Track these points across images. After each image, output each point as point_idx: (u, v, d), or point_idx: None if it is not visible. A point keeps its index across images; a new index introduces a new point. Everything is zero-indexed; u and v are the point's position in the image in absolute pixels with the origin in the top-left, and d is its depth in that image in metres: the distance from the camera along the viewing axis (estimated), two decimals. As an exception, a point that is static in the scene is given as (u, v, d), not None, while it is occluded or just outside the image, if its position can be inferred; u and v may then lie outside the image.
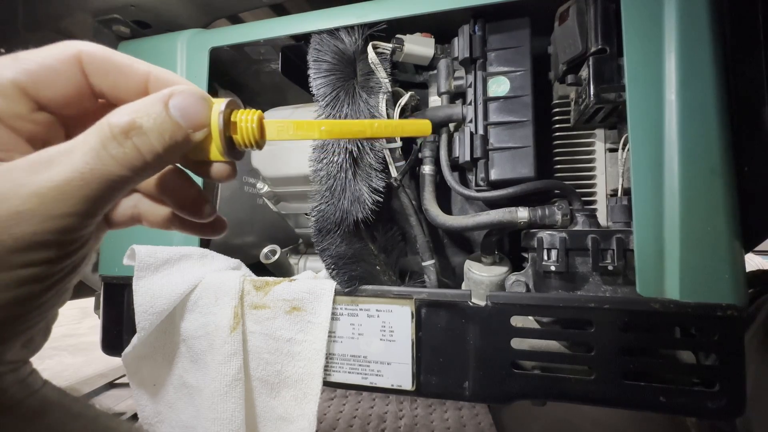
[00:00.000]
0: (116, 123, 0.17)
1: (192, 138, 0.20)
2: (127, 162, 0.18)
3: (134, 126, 0.18)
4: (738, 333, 0.38)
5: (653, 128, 0.39)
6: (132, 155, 0.18)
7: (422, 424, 1.01)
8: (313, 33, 0.51)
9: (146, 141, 0.18)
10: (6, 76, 0.18)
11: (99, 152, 0.17)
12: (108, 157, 0.17)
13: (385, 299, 0.47)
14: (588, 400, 0.41)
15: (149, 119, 0.18)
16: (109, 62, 0.21)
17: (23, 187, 0.16)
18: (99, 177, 0.17)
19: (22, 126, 0.19)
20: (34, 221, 0.16)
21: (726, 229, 0.38)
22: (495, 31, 0.49)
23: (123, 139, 0.17)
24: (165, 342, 0.50)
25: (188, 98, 0.19)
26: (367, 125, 0.24)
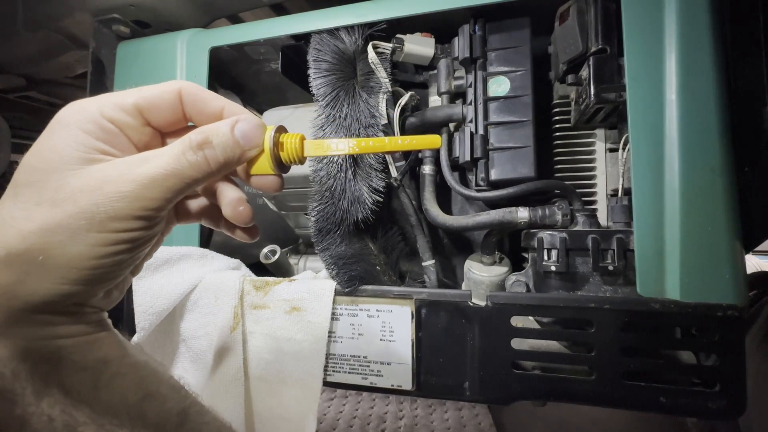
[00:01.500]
0: (195, 138, 0.24)
1: (246, 155, 0.27)
2: (197, 166, 0.24)
3: (207, 141, 0.24)
4: (738, 333, 0.38)
5: (654, 128, 0.39)
6: (202, 162, 0.24)
7: (422, 425, 1.01)
8: (313, 33, 0.51)
9: (213, 153, 0.25)
10: (129, 101, 0.25)
11: (179, 157, 0.24)
12: (185, 161, 0.24)
13: (385, 299, 0.47)
14: (588, 400, 0.41)
15: (218, 137, 0.25)
16: (197, 95, 0.27)
17: (126, 175, 0.22)
18: (176, 175, 0.23)
19: (134, 135, 0.26)
20: (130, 200, 0.22)
21: (726, 229, 0.38)
22: (495, 30, 0.49)
23: (197, 149, 0.24)
24: (165, 342, 0.50)
25: (248, 125, 0.26)
26: (392, 142, 0.31)
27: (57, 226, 0.21)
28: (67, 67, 0.80)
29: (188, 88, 0.27)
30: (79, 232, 0.21)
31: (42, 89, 0.93)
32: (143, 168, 0.23)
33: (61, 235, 0.21)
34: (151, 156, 0.24)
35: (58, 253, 0.21)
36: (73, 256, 0.22)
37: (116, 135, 0.25)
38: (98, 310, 0.26)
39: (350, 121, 0.47)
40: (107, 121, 0.24)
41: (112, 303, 0.27)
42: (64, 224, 0.21)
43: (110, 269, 0.23)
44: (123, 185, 0.22)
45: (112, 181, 0.22)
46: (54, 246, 0.21)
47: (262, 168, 0.28)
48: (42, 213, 0.21)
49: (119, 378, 0.24)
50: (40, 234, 0.21)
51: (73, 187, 0.22)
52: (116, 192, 0.22)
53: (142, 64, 0.59)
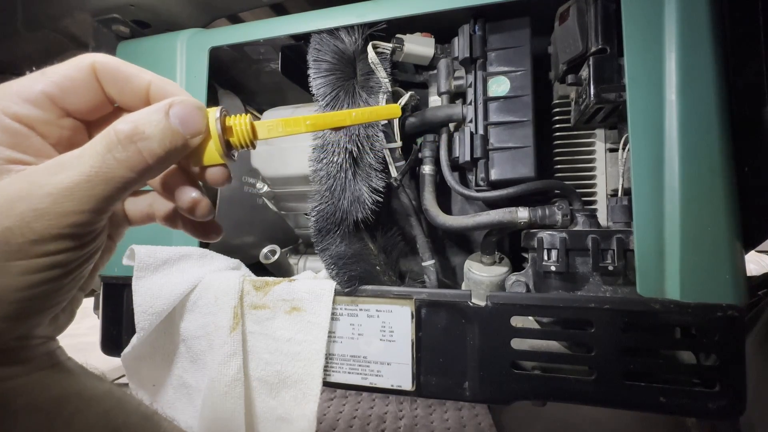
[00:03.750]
0: (121, 129, 0.20)
1: (190, 143, 0.22)
2: (130, 165, 0.20)
3: (137, 132, 0.20)
4: (738, 333, 0.38)
5: (653, 128, 0.39)
6: (135, 158, 0.20)
7: (422, 425, 1.01)
8: (313, 33, 0.51)
9: (148, 146, 0.20)
10: (36, 88, 0.21)
11: (104, 156, 0.19)
12: (113, 160, 0.19)
13: (385, 299, 0.47)
14: (588, 401, 0.41)
15: (151, 126, 0.20)
16: (117, 71, 0.23)
17: (41, 188, 0.18)
18: (104, 179, 0.19)
19: (51, 132, 0.22)
20: (49, 217, 0.18)
21: (726, 229, 0.38)
22: (495, 30, 0.49)
23: (127, 143, 0.20)
24: (164, 342, 0.50)
25: (186, 108, 0.22)
26: (346, 115, 0.27)
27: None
28: (67, 67, 0.80)
29: (104, 63, 0.22)
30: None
31: (42, 89, 0.93)
32: (61, 176, 0.19)
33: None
34: (68, 159, 0.19)
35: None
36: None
37: (26, 136, 0.20)
38: (45, 340, 0.22)
39: (350, 121, 0.47)
40: (12, 120, 0.20)
41: (61, 329, 0.24)
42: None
43: (45, 298, 0.20)
44: (38, 201, 0.18)
45: (25, 196, 0.18)
46: None
47: (202, 158, 0.24)
48: None
49: (80, 415, 0.21)
50: None
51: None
52: (31, 210, 0.18)
53: (142, 64, 0.58)
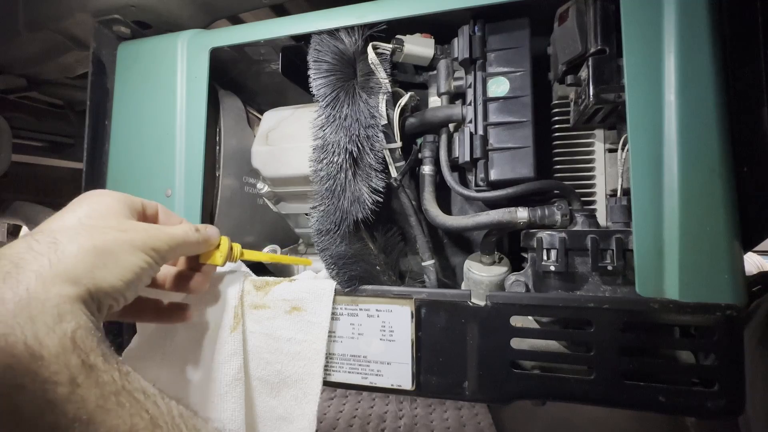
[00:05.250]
0: (195, 227, 0.41)
1: (209, 245, 0.43)
2: (197, 240, 0.40)
3: (198, 229, 0.41)
4: (737, 333, 0.38)
5: (653, 128, 0.39)
6: (196, 238, 0.40)
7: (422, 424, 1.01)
8: (314, 33, 0.51)
9: (198, 236, 0.40)
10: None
11: (188, 232, 0.39)
12: (191, 235, 0.40)
13: (385, 299, 0.47)
14: (588, 400, 0.41)
15: (203, 229, 0.41)
16: (169, 213, 0.43)
17: (163, 229, 0.37)
18: (184, 238, 0.39)
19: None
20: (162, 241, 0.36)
21: (725, 228, 0.38)
22: (495, 31, 0.49)
23: (196, 232, 0.40)
24: (165, 342, 0.50)
25: (213, 230, 0.43)
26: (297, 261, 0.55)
27: (125, 242, 0.32)
28: (68, 67, 0.80)
29: (163, 209, 0.42)
30: (135, 250, 0.33)
31: (43, 90, 0.94)
32: (173, 229, 0.38)
33: (127, 248, 0.32)
34: (169, 226, 0.39)
35: (124, 258, 0.32)
36: (130, 263, 0.32)
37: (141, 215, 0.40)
38: None
39: (350, 121, 0.47)
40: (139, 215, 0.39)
41: None
42: (128, 242, 0.33)
43: (138, 282, 0.33)
44: (161, 233, 0.36)
45: (156, 230, 0.36)
46: (123, 253, 0.32)
47: (213, 259, 0.43)
48: (115, 232, 0.32)
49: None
50: (115, 242, 0.32)
51: (132, 225, 0.35)
52: (156, 236, 0.35)
53: (143, 64, 0.60)
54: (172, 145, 0.56)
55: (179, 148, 0.56)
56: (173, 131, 0.56)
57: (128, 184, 0.58)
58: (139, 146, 0.58)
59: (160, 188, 0.56)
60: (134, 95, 0.59)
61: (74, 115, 1.07)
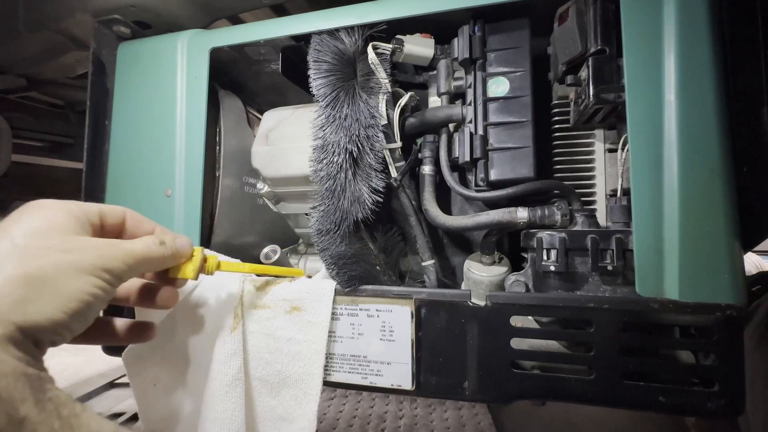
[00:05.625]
0: (158, 239, 0.36)
1: (180, 257, 0.38)
2: (160, 254, 0.35)
3: (164, 242, 0.36)
4: (737, 333, 0.38)
5: (652, 128, 0.39)
6: (162, 252, 0.36)
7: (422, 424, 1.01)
8: (313, 33, 0.51)
9: (166, 250, 0.36)
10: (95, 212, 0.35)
11: (150, 247, 0.35)
12: (155, 249, 0.35)
13: (385, 299, 0.47)
14: (587, 400, 0.41)
15: (170, 241, 0.37)
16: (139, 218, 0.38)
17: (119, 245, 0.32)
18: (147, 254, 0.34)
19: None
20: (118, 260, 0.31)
21: (725, 228, 0.38)
22: (495, 31, 0.49)
23: (161, 245, 0.36)
24: (165, 342, 0.50)
25: (184, 240, 0.38)
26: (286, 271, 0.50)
27: (68, 265, 0.28)
28: (68, 67, 0.80)
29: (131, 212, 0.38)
30: (82, 273, 0.28)
31: (43, 90, 0.94)
32: (128, 244, 0.33)
33: (70, 272, 0.28)
34: (128, 240, 0.34)
35: (66, 284, 0.27)
36: (74, 289, 0.28)
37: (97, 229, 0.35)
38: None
39: (350, 121, 0.47)
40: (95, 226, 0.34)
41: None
42: (72, 264, 0.28)
43: (88, 310, 0.29)
44: (116, 249, 0.31)
45: (109, 247, 0.31)
46: (64, 278, 0.27)
47: (183, 273, 0.39)
48: (56, 254, 0.28)
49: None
50: (55, 267, 0.27)
51: (79, 243, 0.30)
52: (109, 254, 0.31)
53: (143, 64, 0.60)
54: (172, 145, 0.56)
55: (179, 148, 0.56)
56: (173, 131, 0.56)
57: (128, 184, 0.58)
58: (139, 146, 0.58)
59: (160, 188, 0.56)
60: (134, 95, 0.59)
61: (74, 115, 1.07)
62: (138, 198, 0.57)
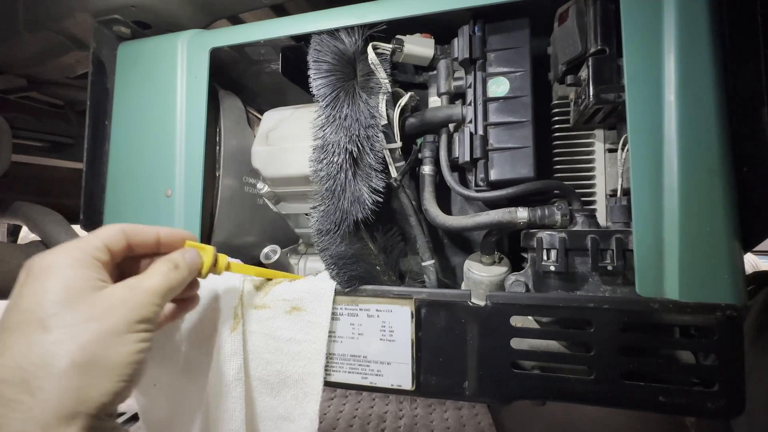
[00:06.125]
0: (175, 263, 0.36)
1: (195, 271, 0.38)
2: (179, 279, 0.36)
3: (177, 265, 0.36)
4: (737, 333, 0.38)
5: (652, 128, 0.39)
6: (180, 276, 0.36)
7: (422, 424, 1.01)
8: (313, 33, 0.51)
9: (182, 273, 0.36)
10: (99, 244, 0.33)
11: (168, 275, 0.34)
12: (173, 277, 0.35)
13: (385, 299, 0.47)
14: (588, 400, 0.41)
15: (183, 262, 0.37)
16: (138, 229, 0.37)
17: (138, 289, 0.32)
18: (168, 285, 0.34)
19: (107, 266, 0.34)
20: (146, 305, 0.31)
21: (725, 229, 0.38)
22: (495, 31, 0.49)
23: (177, 269, 0.36)
24: (165, 342, 0.50)
25: (192, 253, 0.38)
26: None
27: (107, 334, 0.28)
28: (68, 67, 0.80)
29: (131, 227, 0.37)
30: (122, 335, 0.29)
31: (43, 90, 0.94)
32: (148, 283, 0.33)
33: (112, 340, 0.28)
34: (146, 276, 0.33)
35: (113, 354, 0.28)
36: (124, 355, 0.28)
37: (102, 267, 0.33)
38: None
39: (350, 121, 0.47)
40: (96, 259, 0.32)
41: None
42: (110, 331, 0.28)
43: (141, 364, 0.30)
44: (141, 296, 0.31)
45: (134, 295, 0.31)
46: (108, 349, 0.28)
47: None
48: (88, 327, 0.27)
49: None
50: (96, 343, 0.27)
51: (106, 302, 0.29)
52: (138, 303, 0.31)
53: (143, 64, 0.60)
54: (172, 145, 0.56)
55: (179, 148, 0.56)
56: (173, 131, 0.56)
57: (128, 184, 0.58)
58: (139, 146, 0.58)
59: (160, 188, 0.56)
60: (134, 95, 0.59)
61: (74, 115, 1.07)
62: (138, 198, 0.57)
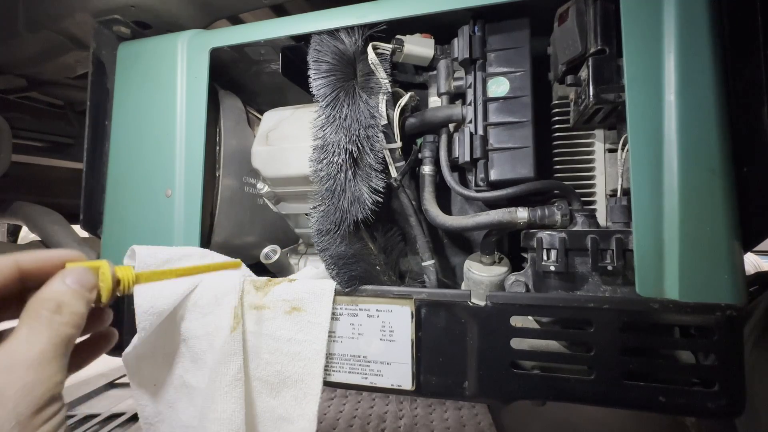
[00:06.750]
0: (50, 306, 0.26)
1: (93, 294, 0.29)
2: (72, 322, 0.27)
3: (62, 303, 0.27)
4: (737, 333, 0.38)
5: (652, 128, 0.39)
6: (72, 318, 0.27)
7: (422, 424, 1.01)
8: (314, 34, 0.51)
9: (74, 308, 0.27)
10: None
11: (54, 325, 0.25)
12: (61, 325, 0.26)
13: (385, 299, 0.47)
14: (588, 400, 0.41)
15: (65, 296, 0.27)
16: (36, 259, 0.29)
17: (17, 367, 0.23)
18: (62, 339, 0.25)
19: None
20: (42, 384, 0.23)
21: (725, 229, 0.38)
22: (495, 31, 0.49)
23: (60, 312, 0.26)
24: (165, 342, 0.50)
25: (75, 273, 0.28)
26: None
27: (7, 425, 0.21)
28: (68, 67, 0.80)
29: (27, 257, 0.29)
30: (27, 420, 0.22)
31: (43, 90, 0.94)
32: (27, 350, 0.24)
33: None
34: (18, 341, 0.24)
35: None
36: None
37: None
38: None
39: (350, 121, 0.47)
40: None
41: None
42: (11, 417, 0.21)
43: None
44: (25, 376, 0.23)
45: (9, 381, 0.22)
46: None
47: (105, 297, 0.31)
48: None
49: None
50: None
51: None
52: (26, 387, 0.22)
53: (143, 64, 0.60)
54: (172, 145, 0.56)
55: (179, 148, 0.56)
56: (173, 131, 0.56)
57: (128, 184, 0.58)
58: (139, 146, 0.58)
59: (160, 188, 0.56)
60: (134, 95, 0.59)
61: (74, 115, 1.07)
62: (138, 198, 0.57)
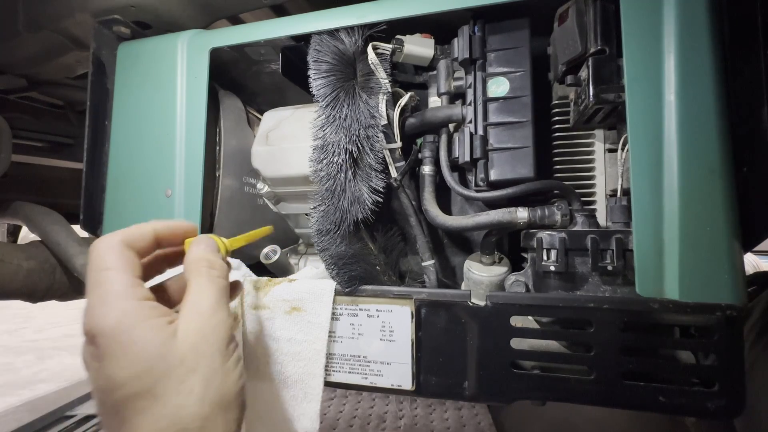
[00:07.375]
0: (204, 265, 0.34)
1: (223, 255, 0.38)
2: (222, 275, 0.35)
3: (210, 261, 0.35)
4: (737, 333, 0.38)
5: (652, 129, 0.39)
6: (221, 272, 0.35)
7: (422, 424, 1.01)
8: (313, 34, 0.51)
9: (218, 263, 0.35)
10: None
11: (215, 282, 0.33)
12: (219, 281, 0.34)
13: (385, 299, 0.47)
14: (587, 400, 0.41)
15: (209, 255, 0.35)
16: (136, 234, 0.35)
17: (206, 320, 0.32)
18: (223, 292, 0.34)
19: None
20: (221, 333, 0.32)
21: (725, 229, 0.38)
22: (494, 31, 0.49)
23: (214, 270, 0.34)
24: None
25: (207, 242, 0.37)
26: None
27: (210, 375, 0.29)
28: (68, 67, 0.80)
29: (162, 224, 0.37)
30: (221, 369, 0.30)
31: (43, 90, 0.94)
32: (206, 301, 0.32)
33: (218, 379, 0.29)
34: (196, 295, 0.32)
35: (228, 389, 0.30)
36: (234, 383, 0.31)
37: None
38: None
39: (350, 121, 0.47)
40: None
41: None
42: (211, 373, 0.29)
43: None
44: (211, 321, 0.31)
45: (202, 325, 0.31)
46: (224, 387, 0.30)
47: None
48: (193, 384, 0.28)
49: None
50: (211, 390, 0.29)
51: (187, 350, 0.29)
52: (213, 329, 0.31)
53: (143, 64, 0.60)
54: (172, 145, 0.56)
55: (179, 148, 0.56)
56: (173, 131, 0.56)
57: (128, 184, 0.58)
58: (139, 146, 0.58)
59: (160, 188, 0.56)
60: (134, 95, 0.59)
61: (74, 115, 1.07)
62: (138, 198, 0.57)
